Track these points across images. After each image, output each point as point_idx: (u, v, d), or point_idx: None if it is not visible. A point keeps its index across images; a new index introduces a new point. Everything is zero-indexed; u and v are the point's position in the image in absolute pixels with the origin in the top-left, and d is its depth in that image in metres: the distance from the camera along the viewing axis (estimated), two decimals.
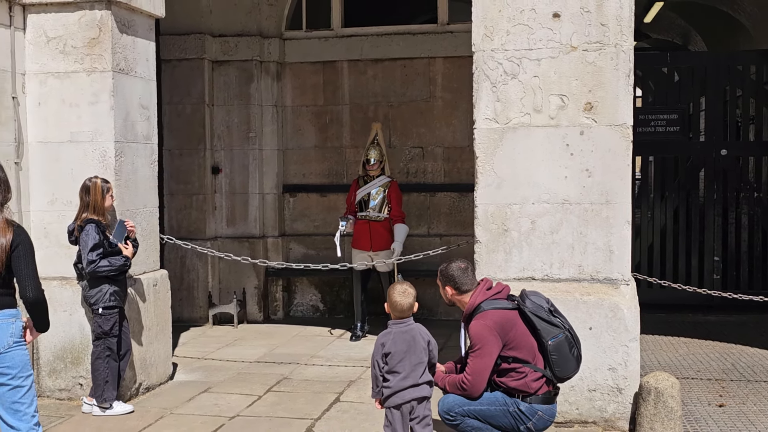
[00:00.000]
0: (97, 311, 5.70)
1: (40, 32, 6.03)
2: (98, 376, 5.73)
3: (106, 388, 5.72)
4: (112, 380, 5.74)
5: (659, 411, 5.13)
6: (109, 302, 5.69)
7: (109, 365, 5.73)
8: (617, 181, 5.35)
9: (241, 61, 9.36)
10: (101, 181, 5.71)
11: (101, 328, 5.72)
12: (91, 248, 5.53)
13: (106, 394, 5.72)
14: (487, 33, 5.45)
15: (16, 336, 3.85)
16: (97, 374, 5.74)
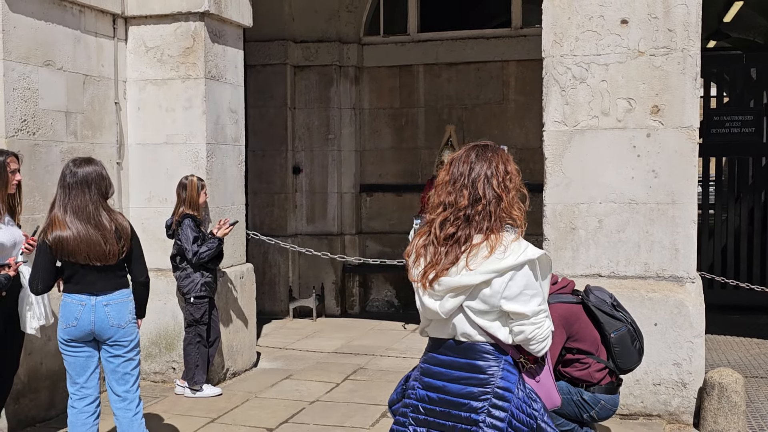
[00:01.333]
0: (189, 300, 6.17)
1: (139, 42, 6.54)
2: (189, 361, 6.20)
3: (197, 372, 6.18)
4: (202, 365, 6.20)
5: (723, 405, 5.28)
6: (200, 292, 6.15)
7: (199, 351, 6.19)
8: (683, 181, 5.50)
9: (321, 66, 9.79)
10: (197, 179, 6.18)
11: (192, 316, 6.18)
12: (192, 240, 6.02)
13: (196, 378, 6.18)
14: (557, 39, 5.68)
15: (133, 313, 4.27)
16: (188, 359, 6.21)
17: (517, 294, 2.69)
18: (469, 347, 2.74)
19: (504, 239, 2.72)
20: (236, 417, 5.75)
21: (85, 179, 4.13)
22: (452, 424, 2.70)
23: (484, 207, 2.73)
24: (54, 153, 5.80)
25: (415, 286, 2.77)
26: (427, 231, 2.76)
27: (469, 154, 2.84)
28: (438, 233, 2.70)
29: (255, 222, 9.74)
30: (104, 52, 6.31)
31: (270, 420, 5.66)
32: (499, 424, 2.67)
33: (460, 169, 2.81)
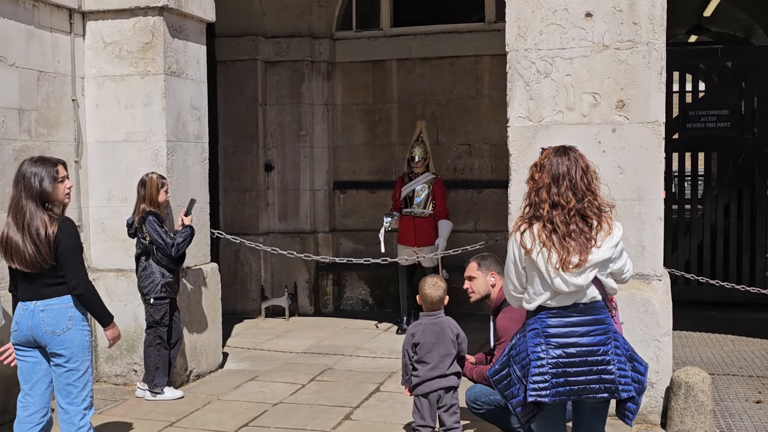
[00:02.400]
0: (149, 301, 6.04)
1: (97, 38, 6.39)
2: (149, 363, 6.06)
3: (157, 374, 6.05)
4: (162, 367, 6.07)
5: (689, 405, 5.19)
6: (160, 293, 6.01)
7: (159, 353, 6.06)
8: (649, 177, 5.41)
9: (292, 62, 9.65)
10: (157, 177, 6.03)
11: (152, 318, 6.05)
12: (164, 235, 5.90)
13: (156, 380, 6.05)
14: (521, 33, 5.57)
15: (75, 320, 4.02)
16: (148, 361, 6.07)
17: (620, 255, 3.50)
18: (592, 306, 3.42)
19: (610, 221, 3.44)
20: (196, 420, 5.63)
21: (29, 177, 3.99)
22: (589, 368, 3.34)
23: (590, 202, 3.40)
24: (6, 152, 5.65)
25: (543, 268, 3.35)
26: (543, 225, 3.36)
27: (560, 158, 3.47)
28: (564, 229, 3.34)
29: (226, 220, 9.61)
30: (60, 48, 6.16)
31: (230, 423, 5.54)
32: (622, 357, 3.42)
33: (558, 171, 3.43)
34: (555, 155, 3.49)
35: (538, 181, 3.47)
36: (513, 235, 3.47)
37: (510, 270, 3.51)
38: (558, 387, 3.33)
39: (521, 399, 3.40)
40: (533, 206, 3.44)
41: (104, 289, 6.39)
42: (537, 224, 3.39)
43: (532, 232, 3.39)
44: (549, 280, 3.37)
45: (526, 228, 3.42)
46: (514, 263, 3.47)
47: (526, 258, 3.41)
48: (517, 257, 3.46)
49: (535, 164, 3.58)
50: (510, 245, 3.50)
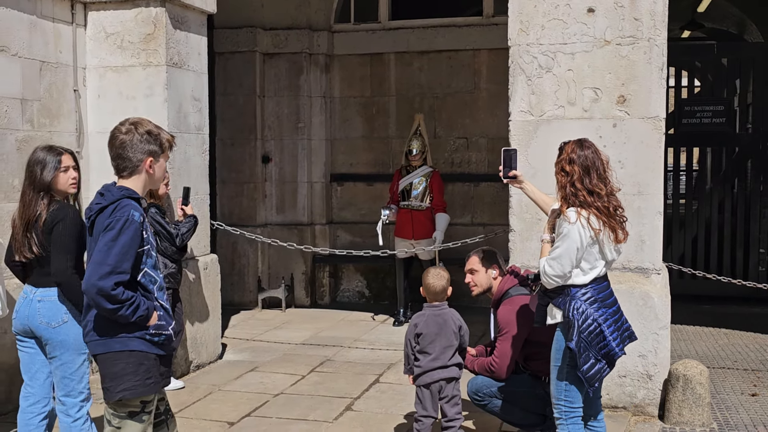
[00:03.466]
0: None
1: (99, 28, 6.38)
2: None
3: None
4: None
5: (687, 397, 5.26)
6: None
7: None
8: (649, 172, 5.46)
9: (291, 54, 9.65)
10: None
11: None
12: (168, 226, 5.92)
13: None
14: (523, 28, 5.61)
15: (72, 313, 4.01)
16: None
17: None
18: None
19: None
20: (198, 410, 5.66)
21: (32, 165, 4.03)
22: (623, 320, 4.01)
23: (611, 191, 3.89)
24: (9, 141, 5.65)
25: (611, 247, 3.90)
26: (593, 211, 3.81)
27: (585, 150, 3.88)
28: (608, 212, 3.84)
29: (224, 212, 9.62)
30: (62, 39, 6.16)
31: (232, 413, 5.58)
32: None
33: (587, 162, 3.86)
34: (580, 149, 3.89)
35: (571, 174, 3.86)
36: (577, 223, 3.80)
37: (571, 254, 3.81)
38: (628, 339, 3.99)
39: (603, 365, 3.88)
40: (572, 195, 3.84)
41: None
42: (589, 209, 3.82)
43: (593, 216, 3.81)
44: (609, 253, 3.91)
45: (588, 213, 3.81)
46: (579, 246, 3.81)
47: (593, 239, 3.83)
48: (584, 240, 3.82)
49: (562, 158, 3.93)
50: (575, 232, 3.80)
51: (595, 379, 3.88)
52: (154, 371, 3.25)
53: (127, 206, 3.19)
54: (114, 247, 3.11)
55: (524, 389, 4.63)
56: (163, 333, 3.27)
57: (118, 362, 3.19)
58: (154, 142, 3.34)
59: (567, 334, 3.85)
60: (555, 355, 3.97)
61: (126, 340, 3.18)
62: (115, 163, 3.32)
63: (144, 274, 3.24)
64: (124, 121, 3.39)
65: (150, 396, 3.28)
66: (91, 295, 3.10)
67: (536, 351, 4.55)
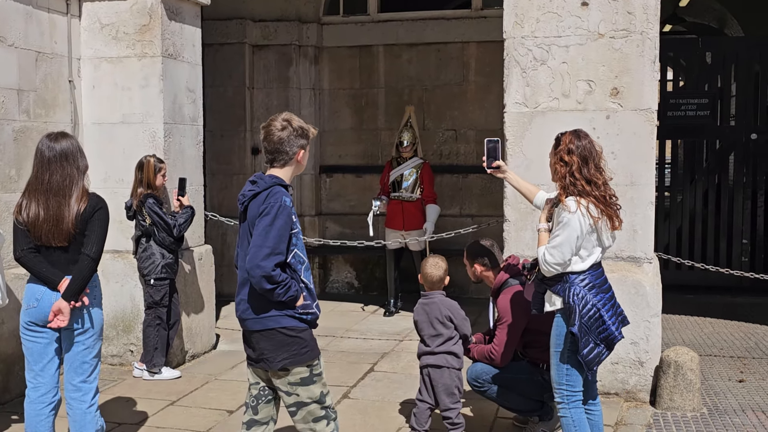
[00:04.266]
0: (149, 282, 6.09)
1: (94, 19, 6.38)
2: (148, 343, 6.12)
3: (155, 355, 6.11)
4: (161, 347, 6.13)
5: (678, 383, 5.38)
6: (160, 274, 6.07)
7: (159, 333, 6.12)
8: (641, 163, 5.56)
9: (280, 46, 9.68)
10: (155, 160, 6.07)
11: (152, 298, 6.10)
12: (167, 217, 5.96)
13: (155, 360, 6.11)
14: (518, 21, 5.68)
15: (98, 298, 4.10)
16: (147, 341, 6.13)
17: None
18: None
19: None
20: (196, 399, 5.71)
21: (64, 153, 4.00)
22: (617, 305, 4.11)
23: (606, 180, 4.01)
24: (6, 132, 5.65)
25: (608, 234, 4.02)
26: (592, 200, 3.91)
27: (582, 141, 3.99)
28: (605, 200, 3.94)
29: (213, 203, 9.62)
30: (57, 29, 6.15)
31: (230, 402, 5.63)
32: None
33: (585, 152, 3.97)
34: (578, 140, 4.00)
35: (570, 163, 3.96)
36: (577, 212, 3.89)
37: (571, 242, 3.91)
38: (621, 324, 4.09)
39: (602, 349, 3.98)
40: (571, 185, 3.94)
41: (101, 270, 6.31)
42: (588, 198, 3.92)
43: (592, 204, 3.92)
44: (606, 240, 4.02)
45: (587, 202, 3.91)
46: (579, 235, 3.91)
47: (591, 227, 3.93)
48: (583, 228, 3.92)
49: (561, 149, 4.02)
50: (575, 220, 3.90)
51: (594, 363, 3.98)
52: (309, 341, 3.60)
53: (279, 192, 3.54)
54: (271, 230, 3.46)
55: (523, 376, 4.73)
56: (309, 312, 3.60)
57: (274, 337, 3.55)
58: (303, 136, 3.70)
59: (568, 320, 3.94)
60: (556, 341, 4.06)
61: (278, 317, 3.54)
62: (272, 156, 3.66)
63: (294, 255, 3.56)
64: (275, 117, 3.71)
65: (312, 361, 3.61)
66: (254, 275, 3.43)
67: (535, 339, 4.64)
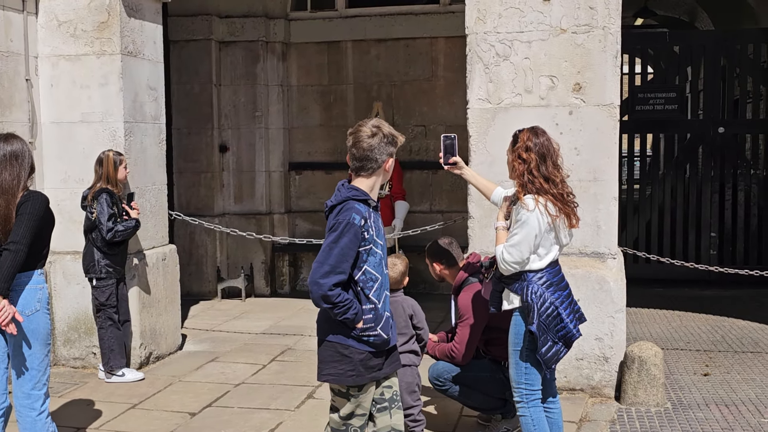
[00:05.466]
0: (92, 282, 5.98)
1: (51, 16, 6.27)
2: (104, 345, 6.01)
3: (112, 356, 5.99)
4: (118, 348, 6.01)
5: (642, 378, 5.39)
6: (101, 274, 5.94)
7: (113, 334, 5.99)
8: (605, 159, 5.56)
9: (247, 42, 9.58)
10: (114, 154, 5.96)
11: (98, 300, 5.98)
12: (108, 217, 5.81)
13: (112, 362, 6.00)
14: (480, 16, 5.65)
15: (43, 302, 3.97)
16: (102, 343, 6.02)
17: None
18: None
19: None
20: (158, 402, 5.63)
21: (14, 154, 3.93)
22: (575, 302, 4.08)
23: (563, 177, 3.97)
24: None
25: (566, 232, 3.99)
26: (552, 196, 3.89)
27: (540, 138, 3.96)
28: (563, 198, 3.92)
29: (181, 202, 9.53)
30: (13, 26, 6.04)
31: (193, 404, 5.56)
32: None
33: (542, 150, 3.94)
34: (536, 137, 3.96)
35: (528, 161, 3.92)
36: (535, 210, 3.86)
37: (529, 240, 3.88)
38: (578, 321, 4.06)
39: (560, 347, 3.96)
40: (529, 182, 3.91)
41: (61, 271, 6.34)
42: (546, 196, 3.89)
43: (550, 202, 3.90)
44: (564, 238, 4.01)
45: (545, 201, 3.88)
46: (537, 233, 3.88)
47: (550, 225, 3.90)
48: (542, 227, 3.89)
49: (519, 146, 3.98)
50: (533, 219, 3.87)
51: (552, 361, 3.96)
52: (359, 365, 3.46)
53: (350, 209, 3.39)
54: (335, 248, 3.35)
55: (484, 374, 4.70)
56: (370, 335, 3.45)
57: (328, 350, 3.51)
58: (393, 144, 3.52)
59: (527, 319, 3.92)
60: (514, 340, 4.03)
61: (339, 332, 3.47)
62: (361, 164, 3.49)
63: (364, 272, 3.42)
64: (364, 122, 3.53)
65: (353, 386, 3.50)
66: (312, 291, 3.38)
67: (496, 336, 4.61)
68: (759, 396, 5.62)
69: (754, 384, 5.90)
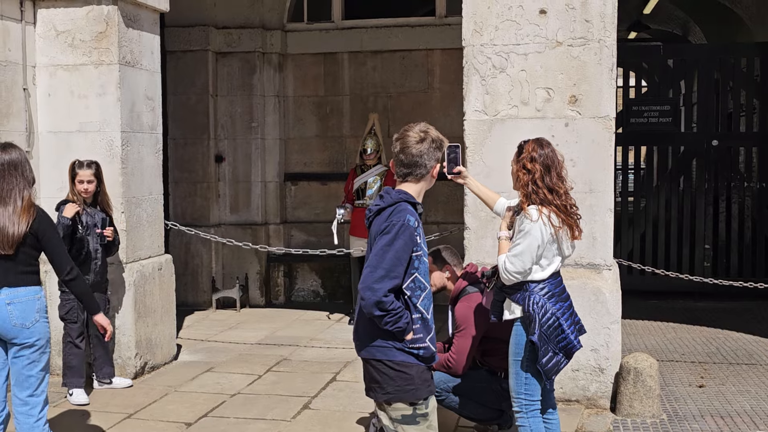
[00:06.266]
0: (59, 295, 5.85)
1: (49, 26, 6.29)
2: (63, 360, 5.84)
3: (69, 374, 5.77)
4: (77, 366, 5.79)
5: (638, 389, 5.40)
6: (62, 287, 5.74)
7: (70, 351, 5.78)
8: (600, 170, 5.59)
9: (244, 53, 9.62)
10: (76, 164, 5.76)
11: (59, 313, 5.83)
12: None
13: (66, 379, 5.79)
14: (477, 28, 5.69)
15: (41, 312, 4.01)
16: (62, 358, 5.85)
17: None
18: None
19: None
20: (154, 412, 5.62)
21: (13, 163, 3.96)
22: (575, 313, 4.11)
23: (567, 189, 4.00)
24: None
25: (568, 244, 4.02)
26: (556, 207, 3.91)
27: (545, 149, 3.97)
28: (566, 210, 3.94)
29: (177, 212, 9.53)
30: (11, 36, 6.05)
31: (189, 414, 5.55)
32: None
33: (547, 161, 3.95)
34: (541, 148, 3.98)
35: (533, 171, 3.94)
36: (539, 220, 3.88)
37: (532, 251, 3.89)
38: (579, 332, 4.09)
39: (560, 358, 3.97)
40: (534, 193, 3.92)
41: (55, 280, 6.29)
42: (549, 207, 3.91)
43: (553, 213, 3.91)
44: (566, 249, 4.03)
45: (548, 212, 3.90)
46: (540, 243, 3.89)
47: (552, 236, 3.92)
48: (545, 237, 3.91)
49: (524, 157, 3.99)
50: (537, 229, 3.89)
51: (552, 372, 3.98)
52: (416, 377, 3.31)
53: (404, 210, 3.28)
54: (389, 251, 3.21)
55: (481, 384, 4.71)
56: (420, 347, 3.31)
57: (380, 368, 3.32)
58: (439, 149, 3.45)
59: (528, 329, 3.93)
60: (515, 350, 4.04)
61: (385, 348, 3.31)
62: (408, 170, 3.40)
63: (413, 279, 3.29)
64: (410, 127, 3.44)
65: (416, 400, 3.33)
66: (365, 298, 3.21)
67: (493, 347, 4.63)
68: (754, 408, 5.64)
69: (749, 395, 5.92)
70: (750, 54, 9.82)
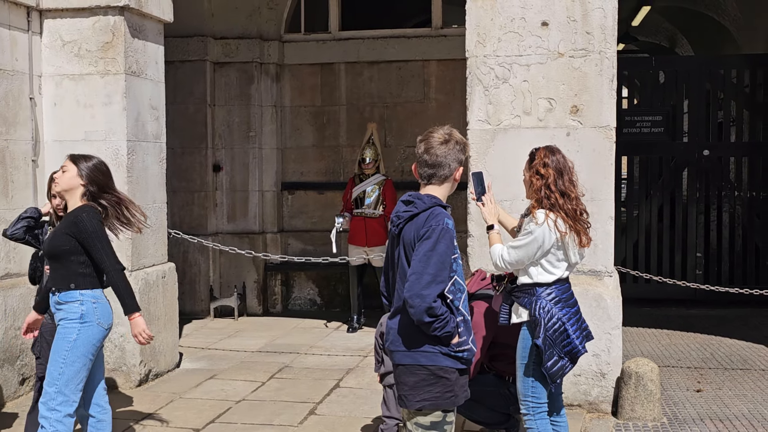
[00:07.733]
0: None
1: (56, 36, 6.34)
2: None
3: None
4: None
5: (639, 394, 5.50)
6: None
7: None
8: (601, 179, 5.70)
9: (241, 63, 9.69)
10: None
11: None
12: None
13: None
14: (480, 40, 5.80)
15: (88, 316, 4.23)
16: None
17: None
18: None
19: None
20: (161, 418, 5.65)
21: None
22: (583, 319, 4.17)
23: (578, 195, 4.09)
24: None
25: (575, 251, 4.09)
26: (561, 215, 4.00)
27: (556, 155, 4.08)
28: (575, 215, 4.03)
29: (174, 221, 9.55)
30: (18, 46, 6.10)
31: (196, 420, 5.59)
32: None
33: (559, 166, 4.06)
34: (552, 154, 4.10)
35: (546, 176, 4.05)
36: (544, 224, 3.98)
37: (530, 249, 4.00)
38: (585, 339, 4.14)
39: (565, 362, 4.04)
40: (546, 197, 4.02)
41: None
42: (557, 213, 4.00)
43: (561, 219, 3.99)
44: (573, 256, 4.10)
45: (555, 216, 3.99)
46: (540, 246, 3.99)
47: (558, 241, 4.00)
48: (546, 241, 3.99)
49: (536, 162, 4.11)
50: (540, 232, 3.99)
51: (557, 375, 4.07)
52: (455, 386, 3.30)
53: (441, 214, 3.26)
54: (433, 256, 3.18)
55: (489, 388, 4.79)
56: (465, 349, 3.30)
57: (420, 373, 3.27)
58: (463, 152, 3.44)
59: (533, 332, 4.03)
60: (521, 353, 4.13)
61: (432, 354, 3.26)
62: (432, 171, 3.38)
63: (453, 282, 3.27)
64: (434, 129, 3.44)
65: (451, 407, 3.33)
66: (414, 305, 3.16)
67: (501, 352, 4.71)
68: (752, 411, 5.75)
69: (746, 400, 6.03)
70: (740, 65, 10.00)
